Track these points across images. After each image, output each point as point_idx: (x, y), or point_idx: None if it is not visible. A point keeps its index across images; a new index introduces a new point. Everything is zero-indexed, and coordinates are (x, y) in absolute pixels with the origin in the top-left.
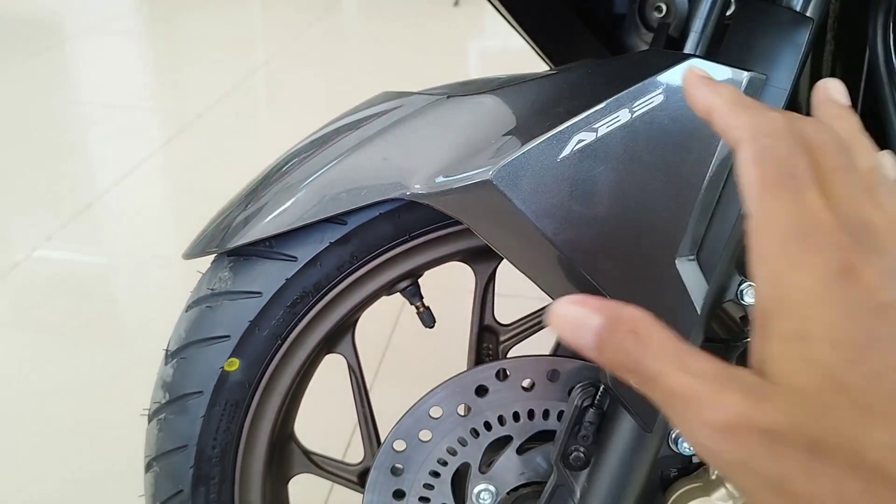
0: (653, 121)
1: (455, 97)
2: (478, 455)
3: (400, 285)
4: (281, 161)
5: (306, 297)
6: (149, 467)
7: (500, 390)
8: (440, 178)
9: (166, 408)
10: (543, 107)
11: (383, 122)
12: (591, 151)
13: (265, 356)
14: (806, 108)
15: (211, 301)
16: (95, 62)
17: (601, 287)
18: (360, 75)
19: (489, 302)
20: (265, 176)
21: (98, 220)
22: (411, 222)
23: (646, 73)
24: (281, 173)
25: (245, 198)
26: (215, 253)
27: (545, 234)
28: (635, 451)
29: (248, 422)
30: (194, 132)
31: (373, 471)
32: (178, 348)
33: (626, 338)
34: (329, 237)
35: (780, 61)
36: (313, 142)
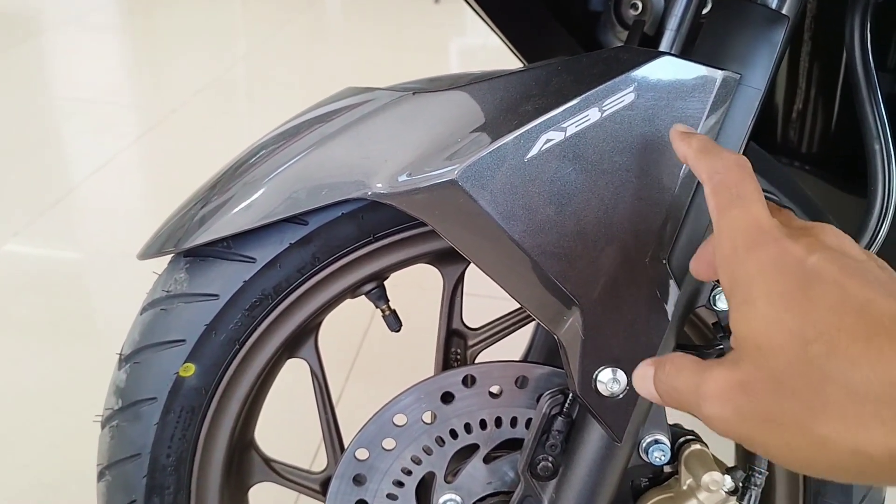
0: (623, 120)
1: (421, 93)
2: (443, 464)
3: (364, 288)
4: (238, 159)
5: (266, 300)
6: (101, 476)
7: (467, 397)
8: (403, 178)
9: (119, 414)
10: (511, 104)
11: (346, 118)
12: (560, 151)
13: (222, 361)
14: (783, 109)
15: (166, 303)
16: (70, 56)
17: (570, 292)
18: (340, 71)
19: (457, 305)
20: (222, 174)
21: (68, 216)
22: (375, 223)
23: (617, 70)
24: (239, 171)
25: (202, 195)
26: (171, 253)
27: (512, 236)
28: (604, 460)
29: (204, 429)
30: (169, 127)
31: (334, 480)
32: (132, 353)
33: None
34: (289, 238)
35: (755, 60)
36: (273, 138)
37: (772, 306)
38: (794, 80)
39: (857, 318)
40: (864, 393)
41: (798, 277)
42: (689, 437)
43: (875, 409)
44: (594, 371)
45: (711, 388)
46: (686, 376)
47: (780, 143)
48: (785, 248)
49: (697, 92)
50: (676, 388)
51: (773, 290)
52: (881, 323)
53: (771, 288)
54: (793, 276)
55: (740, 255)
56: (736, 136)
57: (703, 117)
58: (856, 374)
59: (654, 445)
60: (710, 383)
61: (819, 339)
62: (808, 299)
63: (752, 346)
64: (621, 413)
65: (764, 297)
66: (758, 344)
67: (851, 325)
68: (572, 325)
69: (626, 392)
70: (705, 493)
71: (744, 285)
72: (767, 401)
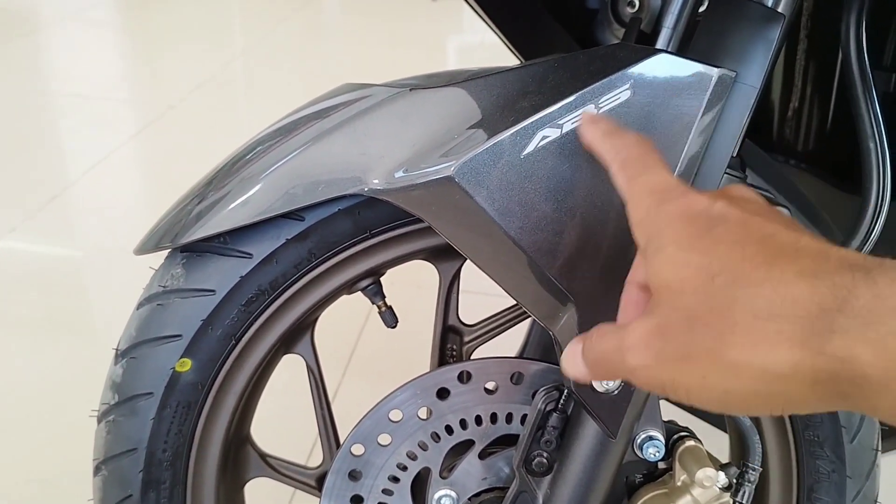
0: (620, 117)
1: (418, 90)
2: (439, 460)
3: (361, 284)
4: (234, 154)
5: (262, 296)
6: (97, 471)
7: (463, 393)
8: (400, 174)
9: (115, 409)
10: (508, 101)
11: (343, 114)
12: (556, 148)
13: (219, 356)
14: (780, 107)
15: (162, 299)
16: (68, 51)
17: (565, 289)
18: (338, 68)
19: (453, 302)
20: (218, 170)
21: (65, 212)
22: (372, 219)
23: (613, 67)
24: (236, 167)
25: (199, 191)
26: (168, 248)
27: (508, 233)
28: (599, 456)
29: (200, 424)
30: (166, 123)
31: (330, 475)
32: (128, 348)
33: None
34: (286, 233)
35: (750, 58)
36: (269, 134)
37: (680, 249)
38: (790, 79)
39: (759, 247)
40: (767, 313)
41: (703, 222)
42: (683, 433)
43: (778, 327)
44: None
45: (632, 338)
46: (609, 338)
47: (776, 140)
48: (692, 199)
49: (693, 89)
50: (602, 352)
51: (681, 235)
52: (783, 250)
53: (679, 234)
54: (699, 222)
55: (651, 213)
56: (731, 133)
57: (698, 115)
58: (759, 296)
59: (648, 441)
60: (631, 335)
61: (724, 272)
62: (712, 238)
63: (664, 290)
64: (616, 409)
65: (672, 243)
66: (669, 286)
67: (754, 253)
68: (568, 322)
69: (621, 388)
70: (699, 489)
71: (655, 238)
72: (682, 337)
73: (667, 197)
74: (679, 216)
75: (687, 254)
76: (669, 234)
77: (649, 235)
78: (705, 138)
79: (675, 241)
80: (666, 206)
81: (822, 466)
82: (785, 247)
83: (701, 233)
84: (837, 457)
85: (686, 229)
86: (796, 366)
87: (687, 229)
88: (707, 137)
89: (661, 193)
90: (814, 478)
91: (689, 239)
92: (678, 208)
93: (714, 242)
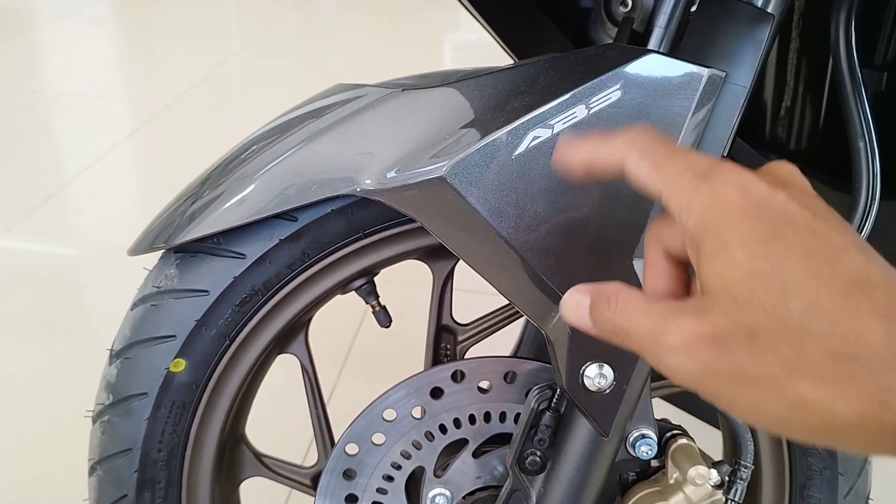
0: (610, 117)
1: (410, 90)
2: (433, 459)
3: (354, 284)
4: (227, 155)
5: (256, 296)
6: (92, 471)
7: (456, 392)
8: (392, 174)
9: (110, 409)
10: (500, 101)
11: (336, 115)
12: (548, 149)
13: (213, 357)
14: (772, 105)
15: (156, 299)
16: (64, 50)
17: (557, 288)
18: (334, 66)
19: (447, 301)
20: (211, 170)
21: (61, 211)
22: (365, 219)
23: (603, 68)
24: (229, 167)
25: (192, 192)
26: (162, 249)
27: (499, 233)
28: (592, 455)
29: (195, 424)
30: (162, 122)
31: (324, 475)
32: (123, 348)
33: (604, 307)
34: (279, 234)
35: (740, 58)
36: (262, 135)
37: (750, 256)
38: (782, 77)
39: (832, 268)
40: (841, 353)
41: (771, 220)
42: (676, 431)
43: (851, 370)
44: (581, 366)
45: (677, 338)
46: (640, 319)
47: (768, 139)
48: (746, 180)
49: (683, 90)
50: (626, 329)
51: (749, 236)
52: (855, 278)
53: (746, 234)
54: (766, 219)
55: (703, 197)
56: (721, 133)
57: (688, 115)
58: (835, 334)
59: (641, 440)
60: (676, 334)
61: (799, 294)
62: (785, 247)
63: (726, 297)
64: (608, 408)
65: (741, 245)
66: (735, 296)
67: (829, 277)
68: (560, 321)
69: (613, 387)
70: (691, 487)
71: (715, 232)
72: (742, 357)
73: (713, 174)
74: (741, 208)
75: (759, 263)
76: (735, 233)
77: (705, 226)
78: (695, 138)
79: (744, 242)
80: (717, 187)
81: (814, 464)
82: (856, 274)
83: (771, 237)
84: (829, 454)
85: (754, 228)
86: (864, 416)
87: (755, 228)
88: (697, 137)
89: (703, 171)
90: (806, 475)
91: (759, 243)
92: (735, 194)
93: (787, 252)
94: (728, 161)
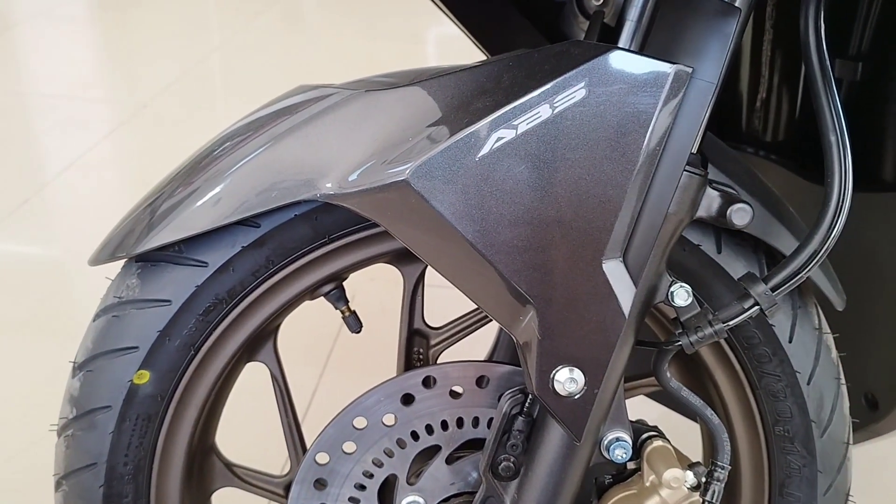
0: (575, 117)
1: (373, 91)
2: (405, 466)
3: (323, 289)
4: (186, 163)
5: (220, 305)
6: (58, 486)
7: (428, 398)
8: (353, 177)
9: (74, 423)
10: (463, 102)
11: (297, 118)
12: (512, 150)
13: (178, 367)
14: (748, 98)
15: (118, 310)
16: (40, 50)
17: (525, 292)
18: (315, 63)
19: (418, 305)
20: (170, 178)
21: (39, 213)
22: (330, 224)
23: (568, 65)
24: (189, 175)
25: (151, 200)
26: (123, 259)
27: (465, 236)
28: (565, 459)
29: (162, 436)
30: (140, 122)
31: (295, 485)
32: (85, 360)
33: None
34: (241, 241)
35: (707, 53)
36: (222, 140)
37: None
38: (757, 70)
39: None
40: None
41: None
42: (651, 433)
43: None
44: (551, 370)
45: None
46: None
47: (744, 132)
48: None
49: (649, 86)
50: None
51: None
52: None
53: None
54: None
55: None
56: (690, 129)
57: (655, 112)
58: None
59: (615, 443)
60: None
61: None
62: None
63: None
64: (580, 412)
65: None
66: None
67: None
68: (528, 325)
69: (584, 391)
70: (667, 490)
71: None
72: None
73: None
74: None
75: None
76: None
77: None
78: (663, 135)
79: None
80: None
81: (793, 462)
82: None
83: None
84: (808, 451)
85: None
86: None
87: None
88: (665, 134)
89: None
90: (785, 473)
91: None
92: None
93: None
94: None
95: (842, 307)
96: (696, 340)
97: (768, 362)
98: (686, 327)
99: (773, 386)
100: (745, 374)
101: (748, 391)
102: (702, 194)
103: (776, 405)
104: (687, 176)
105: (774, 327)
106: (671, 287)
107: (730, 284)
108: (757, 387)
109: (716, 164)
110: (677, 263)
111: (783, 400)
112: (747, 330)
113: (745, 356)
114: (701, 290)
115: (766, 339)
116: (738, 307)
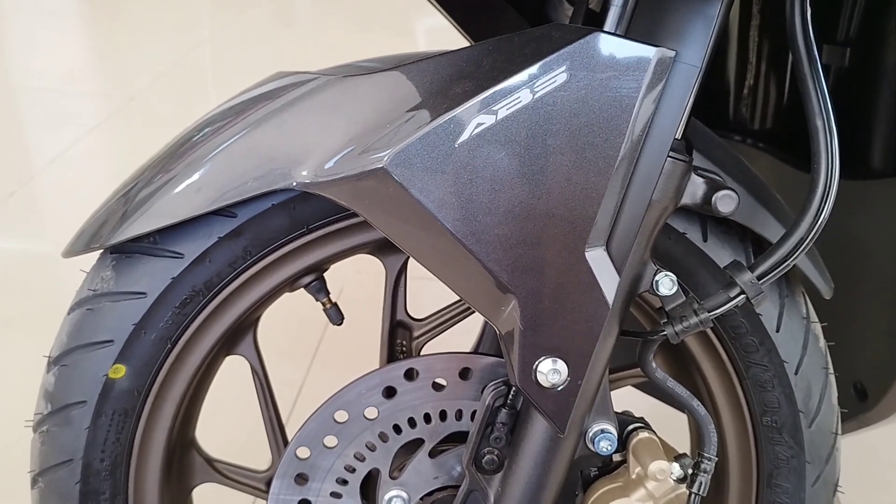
0: (556, 102)
1: (351, 77)
2: (387, 460)
3: (302, 281)
4: (161, 151)
5: (197, 297)
6: (34, 483)
7: (410, 391)
8: (330, 165)
9: (49, 419)
10: (442, 87)
11: (273, 104)
12: (491, 136)
13: (154, 361)
14: (735, 85)
15: (92, 303)
16: (26, 43)
17: (506, 281)
18: (306, 54)
19: (401, 296)
20: (144, 167)
21: (25, 206)
22: (308, 213)
23: (548, 49)
24: (162, 164)
25: (126, 190)
26: (97, 250)
27: (445, 225)
28: (550, 452)
29: (139, 431)
30: (127, 114)
31: (275, 480)
32: (60, 355)
33: None
34: (217, 231)
35: (691, 36)
36: (197, 128)
37: None
38: (744, 57)
39: None
40: None
41: None
42: (637, 424)
43: None
44: (534, 361)
45: None
46: None
47: (731, 119)
48: None
49: (632, 70)
50: None
51: None
52: None
53: None
54: None
55: None
56: (674, 114)
57: (638, 96)
58: None
59: (600, 435)
60: None
61: None
62: None
63: None
64: (563, 404)
65: None
66: None
67: None
68: (511, 315)
69: (568, 382)
70: (653, 482)
71: None
72: None
73: None
74: None
75: None
76: None
77: None
78: (647, 120)
79: None
80: None
81: (781, 452)
82: None
83: None
84: (796, 442)
85: None
86: None
87: None
88: (648, 119)
89: None
90: (773, 464)
91: None
92: None
93: None
94: None
95: (829, 295)
96: (681, 330)
97: (755, 352)
98: (671, 317)
99: (761, 376)
100: (733, 363)
101: (735, 381)
102: (686, 181)
103: (764, 395)
104: (671, 162)
105: (761, 316)
106: (656, 276)
107: (716, 273)
108: (744, 377)
109: (701, 150)
110: (662, 252)
111: (771, 390)
112: (734, 319)
113: (732, 346)
114: (686, 278)
115: (754, 329)
116: (723, 296)
